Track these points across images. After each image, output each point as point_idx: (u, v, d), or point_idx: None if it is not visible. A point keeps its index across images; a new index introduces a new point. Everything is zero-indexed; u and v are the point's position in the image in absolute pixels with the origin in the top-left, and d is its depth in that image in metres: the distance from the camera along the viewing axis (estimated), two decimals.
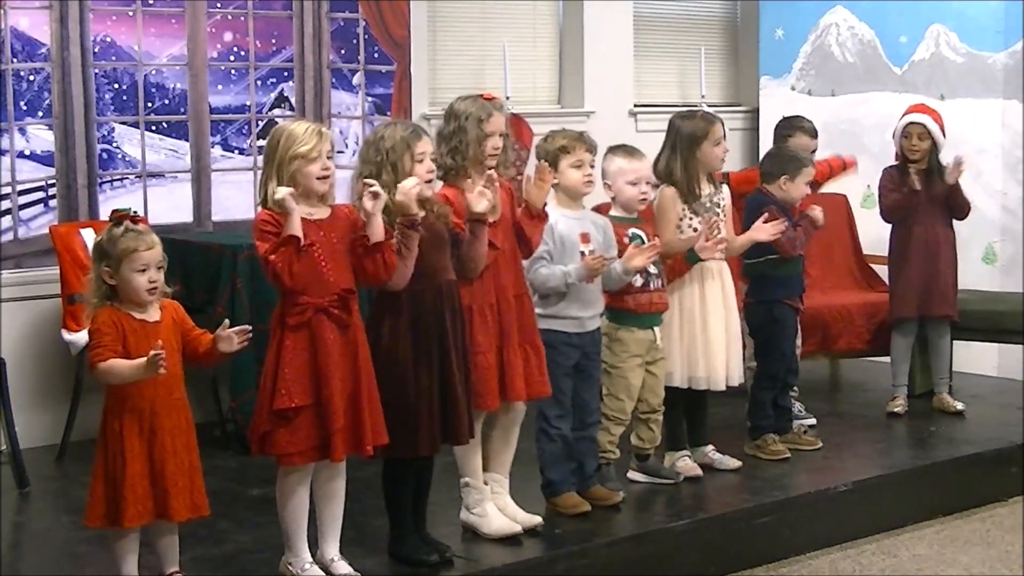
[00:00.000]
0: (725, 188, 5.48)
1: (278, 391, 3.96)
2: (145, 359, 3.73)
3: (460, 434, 4.31)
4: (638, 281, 5.00)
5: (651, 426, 5.22)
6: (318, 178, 4.00)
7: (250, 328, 3.94)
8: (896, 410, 6.49)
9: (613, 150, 5.07)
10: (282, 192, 3.90)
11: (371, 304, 4.32)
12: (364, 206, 3.99)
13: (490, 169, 4.40)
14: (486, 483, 4.65)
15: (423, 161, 4.19)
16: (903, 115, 6.49)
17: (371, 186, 3.99)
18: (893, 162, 6.54)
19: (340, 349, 4.01)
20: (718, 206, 5.39)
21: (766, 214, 5.54)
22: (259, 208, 4.04)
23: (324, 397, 3.97)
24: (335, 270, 4.02)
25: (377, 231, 4.01)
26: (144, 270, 3.85)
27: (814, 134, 6.33)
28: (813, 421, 6.10)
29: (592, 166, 4.82)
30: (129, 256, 3.83)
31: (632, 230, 5.01)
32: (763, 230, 5.46)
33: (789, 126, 6.43)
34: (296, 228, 3.89)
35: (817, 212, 5.73)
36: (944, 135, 6.40)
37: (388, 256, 4.04)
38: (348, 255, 4.05)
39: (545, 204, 4.56)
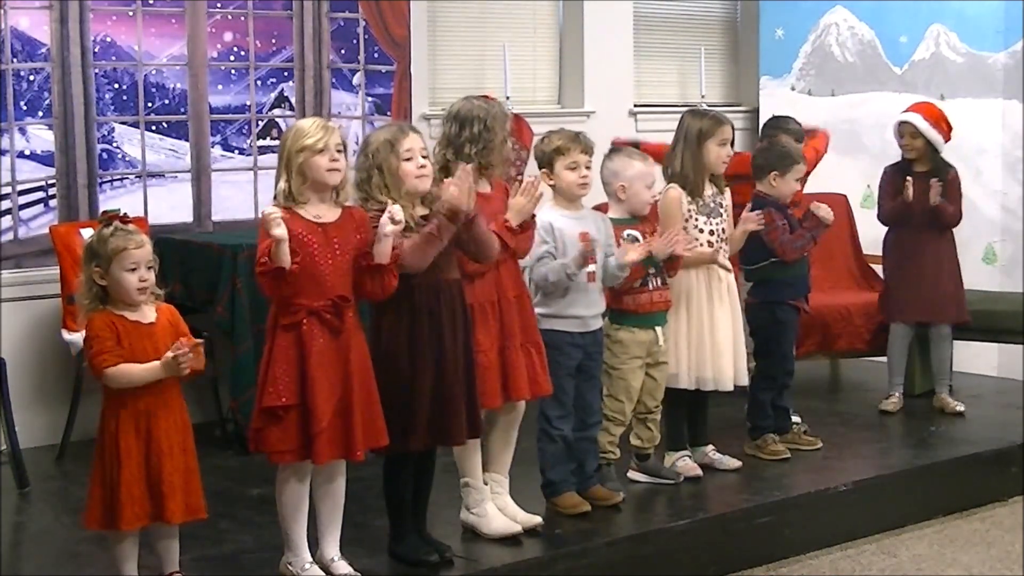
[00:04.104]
0: (727, 191, 5.48)
1: (267, 389, 3.98)
2: (160, 362, 3.75)
3: (455, 434, 4.30)
4: (637, 281, 5.00)
5: (649, 425, 5.22)
6: (327, 170, 4.00)
7: (200, 341, 3.88)
8: (889, 408, 6.50)
9: (628, 153, 5.05)
10: (270, 211, 3.87)
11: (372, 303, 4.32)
12: (381, 230, 3.97)
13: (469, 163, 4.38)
14: (486, 483, 4.65)
15: (411, 158, 4.18)
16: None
17: (395, 213, 3.97)
18: (894, 161, 6.56)
19: (330, 354, 4.00)
20: (721, 206, 5.40)
21: (755, 209, 5.56)
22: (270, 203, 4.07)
23: (308, 399, 3.97)
24: (333, 275, 4.01)
25: (384, 253, 4.00)
26: (134, 269, 3.86)
27: (799, 137, 6.32)
28: (798, 419, 6.06)
29: (588, 167, 4.80)
30: (119, 255, 3.84)
31: (628, 231, 4.99)
32: (750, 219, 5.44)
33: (775, 127, 6.46)
34: (284, 259, 3.86)
35: (825, 211, 5.69)
36: (945, 133, 6.40)
37: (389, 279, 4.04)
38: (351, 262, 4.04)
39: (534, 216, 4.52)
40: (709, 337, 5.30)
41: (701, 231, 5.29)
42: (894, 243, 6.58)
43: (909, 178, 6.33)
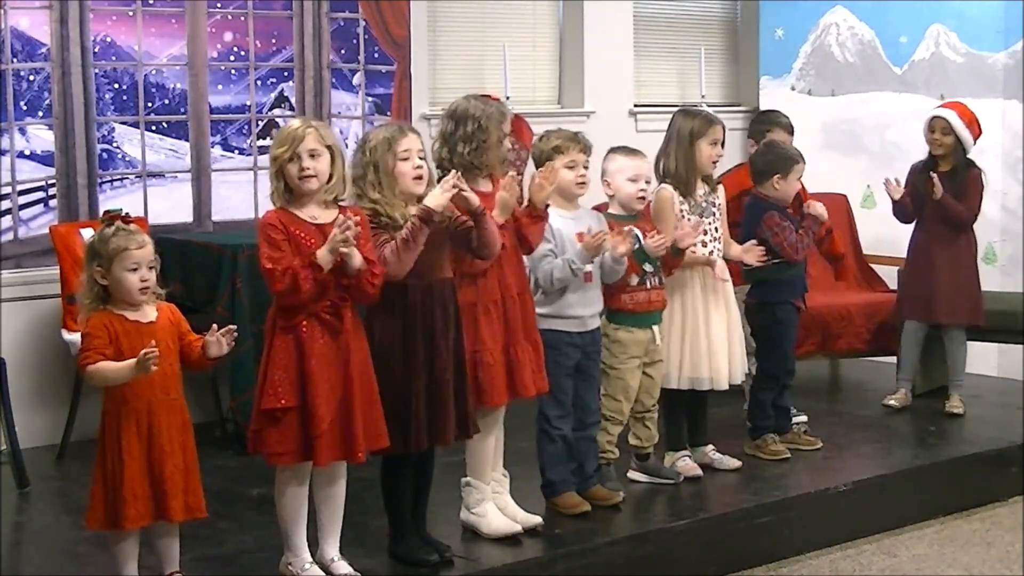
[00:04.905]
0: (720, 189, 5.49)
1: (266, 391, 3.98)
2: (135, 359, 3.73)
3: (448, 433, 4.29)
4: (634, 280, 5.01)
5: (647, 424, 5.22)
6: (299, 178, 3.99)
7: (235, 327, 3.92)
8: (894, 403, 6.50)
9: (614, 149, 5.10)
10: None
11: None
12: (333, 244, 3.92)
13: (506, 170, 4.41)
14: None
15: (408, 159, 4.18)
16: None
17: (345, 229, 3.93)
18: (895, 160, 6.57)
19: (330, 355, 4.00)
20: (714, 205, 5.40)
21: (753, 209, 5.59)
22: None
23: (308, 401, 3.97)
24: (330, 276, 3.99)
25: (355, 263, 3.96)
26: (135, 269, 3.86)
27: (791, 130, 6.34)
28: (804, 418, 6.07)
29: (586, 167, 4.81)
30: (120, 255, 3.84)
31: (626, 228, 4.98)
32: (753, 253, 5.47)
33: (766, 121, 6.46)
34: (325, 259, 3.88)
35: (819, 208, 5.71)
36: (975, 135, 6.40)
37: (366, 287, 4.01)
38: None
39: (547, 205, 4.56)
40: (704, 336, 5.29)
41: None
42: (914, 243, 6.57)
43: (933, 174, 6.31)
